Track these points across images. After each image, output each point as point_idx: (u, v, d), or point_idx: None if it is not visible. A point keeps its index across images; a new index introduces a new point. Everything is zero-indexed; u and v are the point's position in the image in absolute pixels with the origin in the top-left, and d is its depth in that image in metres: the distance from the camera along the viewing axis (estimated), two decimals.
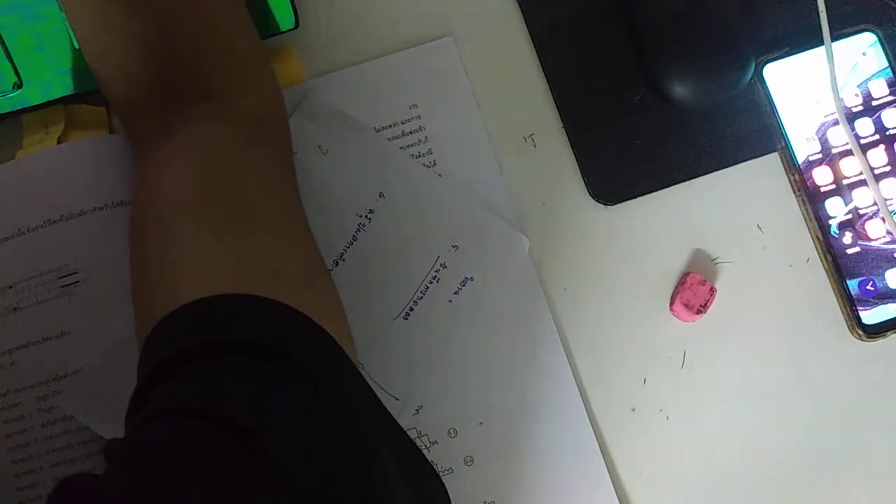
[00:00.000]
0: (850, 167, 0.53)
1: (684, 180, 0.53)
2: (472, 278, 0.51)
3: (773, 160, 0.54)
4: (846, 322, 0.52)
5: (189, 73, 0.44)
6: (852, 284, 0.52)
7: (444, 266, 0.51)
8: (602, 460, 0.51)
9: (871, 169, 0.52)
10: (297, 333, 0.36)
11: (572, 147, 0.54)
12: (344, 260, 0.51)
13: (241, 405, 0.32)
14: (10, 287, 0.49)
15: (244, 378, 0.34)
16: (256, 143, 0.44)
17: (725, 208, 0.53)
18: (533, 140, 0.54)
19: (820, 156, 0.53)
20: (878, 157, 0.53)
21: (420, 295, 0.51)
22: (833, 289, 0.53)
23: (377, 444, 0.35)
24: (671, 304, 0.52)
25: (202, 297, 0.35)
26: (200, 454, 0.31)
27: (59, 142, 0.51)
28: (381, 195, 0.52)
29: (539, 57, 0.54)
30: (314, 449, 0.33)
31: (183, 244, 0.38)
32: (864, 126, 0.53)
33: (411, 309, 0.51)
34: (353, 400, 0.36)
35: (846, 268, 0.52)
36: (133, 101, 0.45)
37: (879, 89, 0.53)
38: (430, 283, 0.51)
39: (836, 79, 0.52)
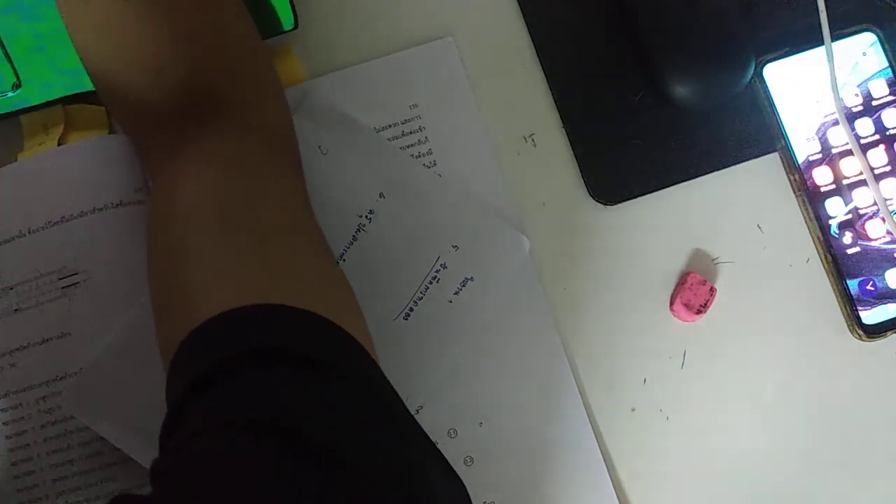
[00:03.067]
0: (850, 167, 0.53)
1: (684, 180, 0.53)
2: (472, 278, 0.51)
3: (773, 160, 0.54)
4: (846, 322, 0.52)
5: (204, 87, 0.43)
6: (852, 284, 0.52)
7: (444, 266, 0.51)
8: (602, 460, 0.51)
9: (871, 169, 0.52)
10: (328, 340, 0.36)
11: (572, 147, 0.54)
12: (344, 260, 0.51)
13: (287, 412, 0.32)
14: (11, 288, 0.49)
15: (286, 386, 0.33)
16: (271, 154, 0.43)
17: (725, 208, 0.53)
18: (533, 140, 0.54)
19: (820, 156, 0.53)
20: (878, 157, 0.53)
21: (420, 295, 0.51)
22: (833, 289, 0.53)
23: (420, 445, 0.35)
24: (671, 304, 0.52)
25: (229, 309, 0.35)
26: (252, 467, 0.30)
27: (59, 143, 0.51)
28: (381, 195, 0.52)
29: (539, 57, 0.54)
30: (367, 452, 0.32)
31: (204, 257, 0.38)
32: (864, 126, 0.53)
33: (411, 309, 0.51)
34: (391, 404, 0.36)
35: (846, 268, 0.52)
36: (143, 114, 0.44)
37: (879, 89, 0.53)
38: (430, 283, 0.51)
39: (836, 79, 0.52)
